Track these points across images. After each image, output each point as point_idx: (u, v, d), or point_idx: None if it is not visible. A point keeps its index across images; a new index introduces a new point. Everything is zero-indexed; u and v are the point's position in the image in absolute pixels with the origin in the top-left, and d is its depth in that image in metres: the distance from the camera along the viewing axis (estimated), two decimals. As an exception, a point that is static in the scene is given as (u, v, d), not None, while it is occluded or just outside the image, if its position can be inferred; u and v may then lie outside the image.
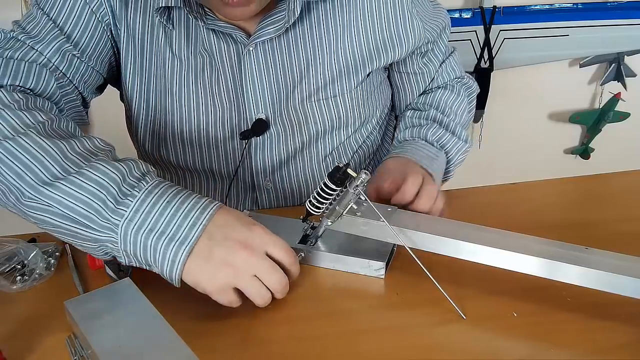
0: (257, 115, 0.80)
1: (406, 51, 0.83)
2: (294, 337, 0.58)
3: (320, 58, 0.78)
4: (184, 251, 0.55)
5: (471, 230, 0.62)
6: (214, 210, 0.57)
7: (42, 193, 0.55)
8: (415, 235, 0.63)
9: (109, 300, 0.58)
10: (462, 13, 1.62)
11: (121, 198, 0.55)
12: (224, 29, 0.74)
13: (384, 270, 0.65)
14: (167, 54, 0.77)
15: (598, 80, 1.80)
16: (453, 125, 0.88)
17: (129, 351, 0.51)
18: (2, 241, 0.72)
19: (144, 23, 0.75)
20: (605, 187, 0.91)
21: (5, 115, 0.59)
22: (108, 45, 0.76)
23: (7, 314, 0.63)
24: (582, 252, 0.58)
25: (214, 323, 0.61)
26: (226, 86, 0.79)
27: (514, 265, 0.59)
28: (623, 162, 1.06)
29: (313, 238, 0.68)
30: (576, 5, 1.65)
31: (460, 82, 0.94)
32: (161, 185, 0.58)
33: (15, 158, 0.56)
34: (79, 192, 0.55)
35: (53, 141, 0.57)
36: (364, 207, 0.65)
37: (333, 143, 0.86)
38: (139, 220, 0.55)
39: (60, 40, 0.71)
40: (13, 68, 0.66)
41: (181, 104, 0.79)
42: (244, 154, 0.82)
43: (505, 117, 1.84)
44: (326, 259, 0.67)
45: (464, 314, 0.60)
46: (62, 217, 0.56)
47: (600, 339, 0.57)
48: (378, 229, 0.64)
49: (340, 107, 0.82)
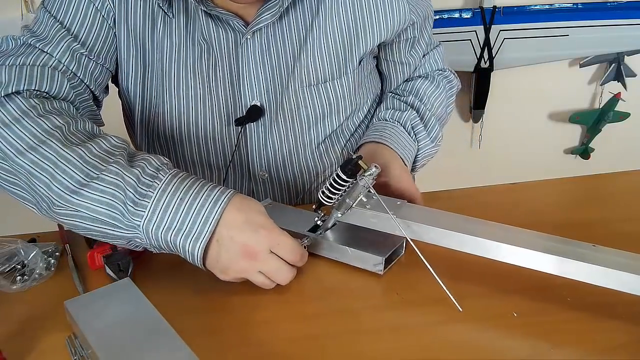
0: (252, 102, 0.82)
1: (392, 30, 0.84)
2: (294, 337, 0.58)
3: (312, 43, 0.80)
4: (199, 246, 0.58)
5: (479, 225, 0.62)
6: (224, 205, 0.59)
7: (69, 201, 0.59)
8: (423, 228, 0.63)
9: (109, 300, 0.58)
10: (462, 13, 1.62)
11: (139, 199, 0.58)
12: (223, 15, 0.75)
13: (382, 266, 0.65)
14: (165, 44, 0.78)
15: (598, 80, 1.80)
16: (428, 115, 0.90)
17: (129, 351, 0.51)
18: (2, 241, 0.72)
19: (145, 14, 0.77)
20: (605, 187, 0.91)
21: (25, 123, 0.62)
22: (115, 41, 0.78)
23: (7, 314, 0.63)
24: (590, 249, 0.58)
25: (214, 323, 0.61)
26: (222, 74, 0.80)
27: (521, 260, 0.59)
28: (623, 162, 1.06)
29: (323, 229, 0.69)
30: (576, 5, 1.65)
31: (441, 74, 0.96)
32: (174, 180, 0.60)
33: (41, 169, 0.60)
34: (102, 196, 0.59)
35: (72, 148, 0.60)
36: (374, 200, 0.66)
37: (326, 130, 0.87)
38: (157, 219, 0.58)
39: (68, 41, 0.72)
40: (27, 73, 0.67)
41: (179, 93, 0.80)
42: (239, 141, 0.84)
43: (505, 117, 1.83)
44: (329, 248, 0.68)
45: (463, 314, 0.60)
46: (91, 220, 0.60)
47: (600, 339, 0.57)
48: (387, 222, 0.65)
49: (332, 93, 0.84)
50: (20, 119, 0.62)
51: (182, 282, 0.67)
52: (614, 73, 1.74)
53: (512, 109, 1.83)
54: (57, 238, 0.76)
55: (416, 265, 0.65)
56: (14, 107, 0.63)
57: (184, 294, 0.65)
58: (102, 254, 0.69)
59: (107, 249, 0.69)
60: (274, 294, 0.64)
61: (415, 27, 0.88)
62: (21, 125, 0.61)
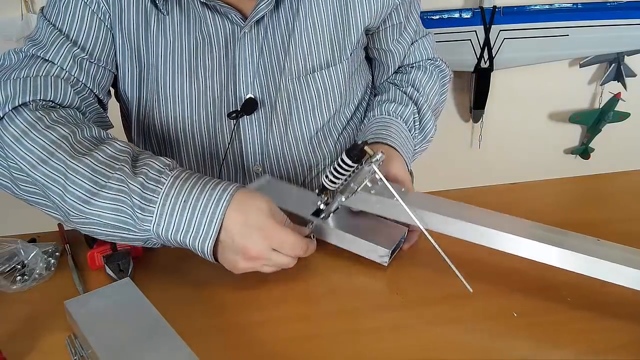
0: (247, 95, 0.82)
1: (378, 12, 0.84)
2: (294, 337, 0.58)
3: (300, 31, 0.81)
4: (208, 245, 0.60)
5: (483, 215, 0.62)
6: (225, 204, 0.60)
7: (82, 211, 0.61)
8: (427, 215, 0.63)
9: (109, 300, 0.58)
10: (462, 13, 1.62)
11: (145, 204, 0.60)
12: (222, 8, 0.76)
13: (388, 258, 0.65)
14: (160, 41, 0.78)
15: (598, 80, 1.80)
16: (425, 108, 0.91)
17: (129, 351, 0.51)
18: (2, 241, 0.72)
19: (137, 14, 0.77)
20: (605, 187, 0.91)
21: (33, 135, 0.63)
22: (114, 42, 0.78)
23: (7, 314, 0.63)
24: (593, 243, 0.58)
25: (214, 323, 0.61)
26: (219, 68, 0.81)
27: (524, 251, 0.59)
28: (623, 162, 1.06)
29: (326, 213, 0.69)
30: (576, 5, 1.65)
31: (433, 64, 0.97)
32: (176, 182, 0.61)
33: (53, 181, 0.61)
34: (112, 203, 0.60)
35: (79, 159, 0.62)
36: (379, 186, 0.66)
37: (317, 123, 0.87)
38: (165, 223, 0.60)
39: (68, 46, 0.73)
40: (31, 84, 0.68)
41: (174, 90, 0.81)
42: (233, 135, 0.84)
43: (505, 117, 1.83)
44: (334, 235, 0.68)
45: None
46: (106, 226, 0.61)
47: (600, 339, 0.57)
48: (391, 208, 0.64)
49: (322, 83, 0.85)
50: (28, 131, 0.64)
51: (182, 282, 0.67)
52: (614, 73, 1.73)
53: (512, 109, 1.83)
54: (57, 238, 0.76)
55: (416, 265, 0.65)
56: (22, 120, 0.65)
57: (184, 294, 0.65)
58: (102, 254, 0.69)
59: (107, 249, 0.69)
60: (274, 294, 0.64)
61: (400, 12, 0.88)
62: (29, 137, 0.63)
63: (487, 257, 0.68)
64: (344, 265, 0.69)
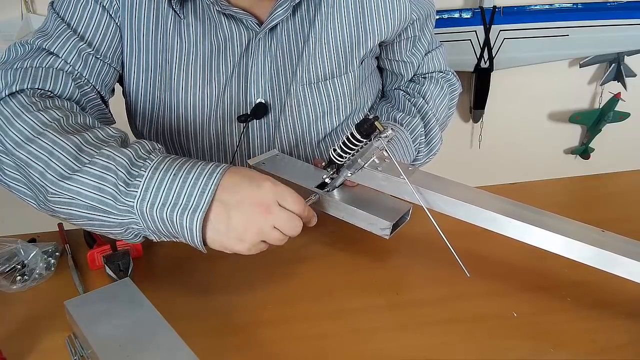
0: (257, 99, 0.82)
1: (394, 28, 0.84)
2: (294, 337, 0.58)
3: (315, 40, 0.81)
4: (198, 218, 0.55)
5: (489, 199, 0.61)
6: (221, 174, 0.57)
7: (62, 187, 0.57)
8: (432, 195, 0.62)
9: (109, 300, 0.58)
10: (462, 13, 1.62)
11: (130, 180, 0.56)
12: (237, 14, 0.76)
13: (389, 231, 0.63)
14: (175, 44, 0.78)
15: (598, 80, 1.80)
16: (433, 121, 0.90)
17: (129, 351, 0.51)
18: (2, 241, 0.72)
19: (151, 14, 0.77)
20: (605, 187, 0.91)
21: (24, 117, 0.62)
22: (122, 39, 0.78)
23: (7, 314, 0.63)
24: (598, 234, 0.57)
25: (214, 323, 0.61)
26: (232, 73, 0.81)
27: (529, 238, 0.58)
28: (623, 162, 1.06)
29: (330, 187, 0.68)
30: (576, 5, 1.64)
31: (444, 77, 0.96)
32: (166, 159, 0.58)
33: (37, 159, 0.58)
34: (94, 180, 0.57)
35: (68, 137, 0.59)
36: (386, 163, 0.65)
37: (326, 129, 0.87)
38: (150, 197, 0.56)
39: (75, 41, 0.73)
40: (31, 74, 0.68)
41: (186, 93, 0.81)
42: (242, 139, 0.84)
43: (505, 117, 1.83)
44: (337, 207, 0.66)
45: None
46: (84, 207, 0.57)
47: (601, 339, 0.57)
48: (396, 186, 0.64)
49: (333, 91, 0.85)
50: (20, 113, 0.62)
51: (182, 282, 0.67)
52: (614, 73, 1.73)
53: (512, 109, 1.83)
54: (57, 238, 0.76)
55: (416, 265, 0.65)
56: (16, 102, 0.63)
57: (184, 294, 0.65)
58: (102, 254, 0.69)
59: (107, 249, 0.69)
60: (274, 295, 0.64)
61: (416, 26, 0.88)
62: (21, 119, 0.61)
63: (488, 257, 0.69)
64: (344, 264, 0.69)
